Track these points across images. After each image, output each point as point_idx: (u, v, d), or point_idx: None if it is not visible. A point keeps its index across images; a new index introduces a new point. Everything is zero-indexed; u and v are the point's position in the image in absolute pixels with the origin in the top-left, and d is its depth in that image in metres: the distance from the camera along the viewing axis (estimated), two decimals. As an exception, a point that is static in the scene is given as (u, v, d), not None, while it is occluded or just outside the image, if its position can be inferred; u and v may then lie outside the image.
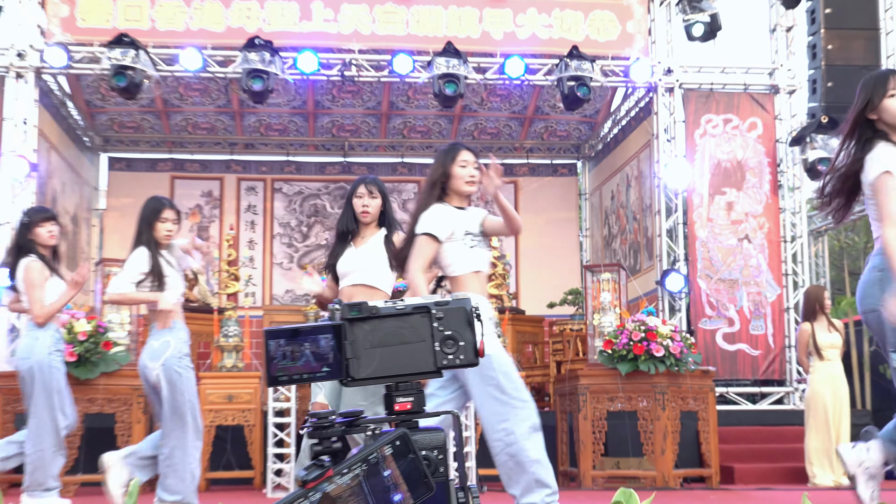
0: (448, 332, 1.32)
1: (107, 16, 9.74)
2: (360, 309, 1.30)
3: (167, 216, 5.51)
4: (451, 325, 1.32)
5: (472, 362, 1.34)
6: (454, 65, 9.47)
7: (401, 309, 1.32)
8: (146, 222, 5.49)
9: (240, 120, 12.48)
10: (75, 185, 11.66)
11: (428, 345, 1.31)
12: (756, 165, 10.25)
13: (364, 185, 4.96)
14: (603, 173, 12.85)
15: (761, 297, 10.06)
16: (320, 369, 1.30)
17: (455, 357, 1.33)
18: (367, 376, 1.31)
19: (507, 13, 10.13)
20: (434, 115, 12.45)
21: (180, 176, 12.87)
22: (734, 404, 9.80)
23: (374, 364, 1.31)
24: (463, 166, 4.43)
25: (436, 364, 1.33)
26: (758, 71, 10.57)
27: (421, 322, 1.32)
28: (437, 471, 1.29)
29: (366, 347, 1.30)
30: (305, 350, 1.29)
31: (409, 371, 1.32)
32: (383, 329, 1.31)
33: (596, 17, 10.21)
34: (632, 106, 11.56)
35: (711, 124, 10.33)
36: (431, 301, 1.33)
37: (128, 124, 12.49)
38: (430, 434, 1.32)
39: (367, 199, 4.92)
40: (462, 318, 1.33)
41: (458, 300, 1.33)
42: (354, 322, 1.30)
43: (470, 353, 1.34)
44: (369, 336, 1.30)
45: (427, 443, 1.30)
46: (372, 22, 10.01)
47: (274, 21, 9.92)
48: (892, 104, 3.72)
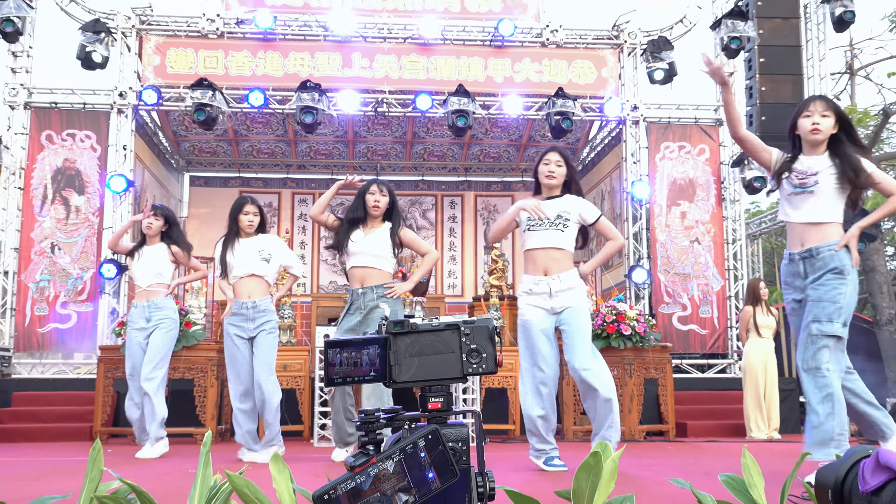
0: (474, 345, 1.30)
1: (190, 64, 9.74)
2: (402, 325, 1.29)
3: (248, 210, 5.43)
4: (476, 340, 1.30)
5: (492, 371, 1.32)
6: (464, 103, 9.47)
7: (436, 326, 1.30)
8: (231, 215, 5.43)
9: (294, 146, 12.47)
10: (164, 198, 11.65)
11: (457, 355, 1.29)
12: (704, 182, 10.20)
13: (376, 185, 4.98)
14: (582, 189, 12.75)
15: (708, 287, 9.99)
16: (369, 373, 1.28)
17: (479, 366, 1.31)
18: (407, 380, 1.29)
19: (507, 62, 10.10)
20: (448, 143, 12.42)
21: (247, 191, 12.84)
22: (687, 373, 9.73)
23: (412, 370, 1.29)
24: (546, 164, 4.50)
25: (462, 371, 1.31)
26: (706, 107, 10.50)
27: (452, 336, 1.30)
28: (460, 459, 1.28)
29: (406, 356, 1.28)
30: (357, 357, 1.27)
31: (441, 377, 1.31)
32: (421, 342, 1.29)
33: (577, 65, 10.17)
34: (605, 135, 11.51)
35: (669, 150, 10.27)
36: (461, 320, 1.31)
37: (206, 150, 12.50)
38: (456, 429, 1.30)
39: (379, 196, 4.93)
40: (485, 334, 1.31)
41: (482, 319, 1.31)
42: (398, 336, 1.28)
43: (491, 363, 1.32)
44: (409, 347, 1.29)
45: (453, 436, 1.28)
46: (399, 69, 10.00)
47: (322, 68, 9.91)
48: (803, 123, 3.73)
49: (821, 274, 3.61)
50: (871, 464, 0.87)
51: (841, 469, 0.94)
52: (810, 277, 3.65)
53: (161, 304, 5.69)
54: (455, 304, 11.98)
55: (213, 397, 7.13)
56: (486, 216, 13.27)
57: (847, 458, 0.94)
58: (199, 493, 2.47)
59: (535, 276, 4.45)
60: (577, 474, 2.51)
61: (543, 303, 4.40)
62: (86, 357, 9.13)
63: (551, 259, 4.41)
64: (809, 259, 3.66)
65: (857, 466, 0.91)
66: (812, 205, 3.68)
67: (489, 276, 9.53)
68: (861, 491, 0.89)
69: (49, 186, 9.39)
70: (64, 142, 9.53)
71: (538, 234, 4.43)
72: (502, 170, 13.23)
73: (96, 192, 9.45)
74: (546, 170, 4.48)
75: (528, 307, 4.45)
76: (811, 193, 3.66)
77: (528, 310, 4.45)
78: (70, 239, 9.30)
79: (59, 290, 9.18)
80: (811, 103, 3.76)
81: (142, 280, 5.71)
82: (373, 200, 4.90)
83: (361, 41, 10.01)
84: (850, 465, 0.93)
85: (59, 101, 9.61)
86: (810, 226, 3.66)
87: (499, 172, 13.31)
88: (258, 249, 5.38)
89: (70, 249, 9.28)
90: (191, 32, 9.83)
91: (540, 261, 4.43)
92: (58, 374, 9.02)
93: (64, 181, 9.43)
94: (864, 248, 10.11)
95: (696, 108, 10.46)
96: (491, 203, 13.35)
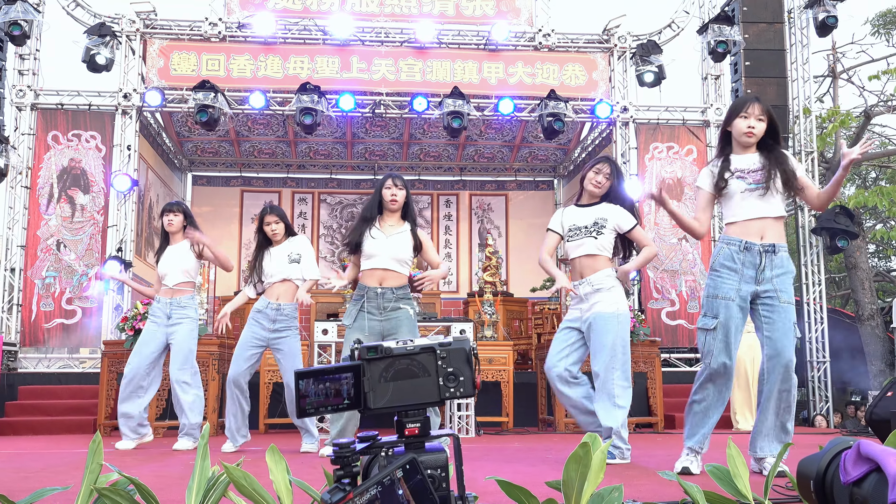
0: (450, 368, 1.23)
1: (193, 66, 9.70)
2: (376, 350, 1.21)
3: (269, 220, 5.43)
4: (453, 363, 1.23)
5: (470, 394, 1.26)
6: (459, 104, 9.44)
7: (411, 349, 1.23)
8: (258, 227, 5.46)
9: (294, 147, 12.44)
10: (167, 196, 11.62)
11: (433, 379, 1.22)
12: (692, 181, 10.17)
13: (392, 179, 4.78)
14: (574, 188, 12.68)
15: (696, 283, 9.98)
16: (342, 402, 1.20)
17: (456, 390, 1.24)
18: (382, 406, 1.22)
19: (501, 65, 10.07)
20: (444, 143, 12.39)
21: (248, 190, 12.85)
22: (675, 367, 9.72)
23: (387, 395, 1.21)
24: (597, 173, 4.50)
25: (440, 396, 1.24)
26: (693, 109, 10.48)
27: (427, 359, 1.23)
28: (440, 486, 1.22)
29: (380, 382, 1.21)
30: (329, 387, 1.20)
31: (417, 401, 1.23)
32: (396, 366, 1.21)
33: (568, 68, 10.15)
34: (596, 136, 11.51)
35: (657, 150, 10.26)
36: (436, 342, 1.24)
37: (208, 150, 12.46)
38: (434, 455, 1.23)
39: (395, 190, 4.73)
40: (462, 356, 1.24)
41: (458, 341, 1.24)
42: (371, 361, 1.21)
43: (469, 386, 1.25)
44: (383, 372, 1.21)
45: (431, 463, 1.22)
46: (396, 72, 9.96)
47: (321, 71, 9.87)
48: (739, 123, 3.68)
49: (781, 273, 3.59)
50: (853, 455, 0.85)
51: (823, 460, 0.92)
52: (769, 273, 3.59)
53: (184, 302, 5.67)
54: (450, 299, 11.97)
55: (214, 391, 7.10)
56: (480, 214, 13.26)
57: (828, 450, 0.92)
58: (198, 485, 2.44)
59: (574, 282, 4.52)
60: (567, 465, 2.49)
61: (579, 304, 4.50)
62: (90, 352, 9.09)
63: (586, 265, 4.49)
64: (770, 254, 3.60)
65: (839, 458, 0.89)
66: (767, 200, 3.65)
67: (483, 272, 9.53)
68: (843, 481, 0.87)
69: (55, 185, 9.35)
70: (70, 142, 9.49)
71: (574, 243, 4.52)
72: (496, 169, 13.22)
73: (101, 191, 9.42)
74: (595, 179, 4.49)
75: (570, 309, 4.60)
76: (766, 189, 3.63)
77: (570, 311, 4.58)
78: (75, 237, 9.26)
79: (64, 287, 9.15)
80: (750, 105, 3.69)
81: (170, 279, 5.64)
82: (390, 195, 4.73)
83: (359, 45, 9.98)
84: (831, 457, 0.91)
85: (65, 103, 9.56)
86: (772, 220, 3.62)
87: (493, 172, 13.29)
88: (287, 253, 5.43)
89: (75, 247, 9.24)
90: (194, 36, 9.79)
91: (577, 267, 4.53)
92: (63, 368, 8.98)
93: (69, 180, 9.40)
94: (846, 246, 10.10)
95: (684, 109, 10.45)
96: (485, 202, 13.34)
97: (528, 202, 13.18)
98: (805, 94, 10.48)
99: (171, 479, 3.50)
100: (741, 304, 3.59)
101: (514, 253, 12.94)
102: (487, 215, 13.25)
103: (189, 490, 2.42)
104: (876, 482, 0.83)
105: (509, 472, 3.65)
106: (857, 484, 0.85)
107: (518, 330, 10.28)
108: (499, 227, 13.21)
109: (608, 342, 4.30)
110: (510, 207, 13.28)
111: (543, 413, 8.02)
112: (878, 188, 12.81)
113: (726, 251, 3.64)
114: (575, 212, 4.55)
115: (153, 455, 5.02)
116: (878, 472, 0.83)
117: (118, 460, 4.41)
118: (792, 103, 10.30)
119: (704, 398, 3.70)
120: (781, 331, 3.56)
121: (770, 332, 3.58)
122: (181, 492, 2.61)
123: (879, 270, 18.50)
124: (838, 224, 9.76)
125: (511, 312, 10.07)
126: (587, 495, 2.51)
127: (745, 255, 3.59)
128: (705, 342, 3.63)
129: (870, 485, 0.84)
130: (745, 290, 3.59)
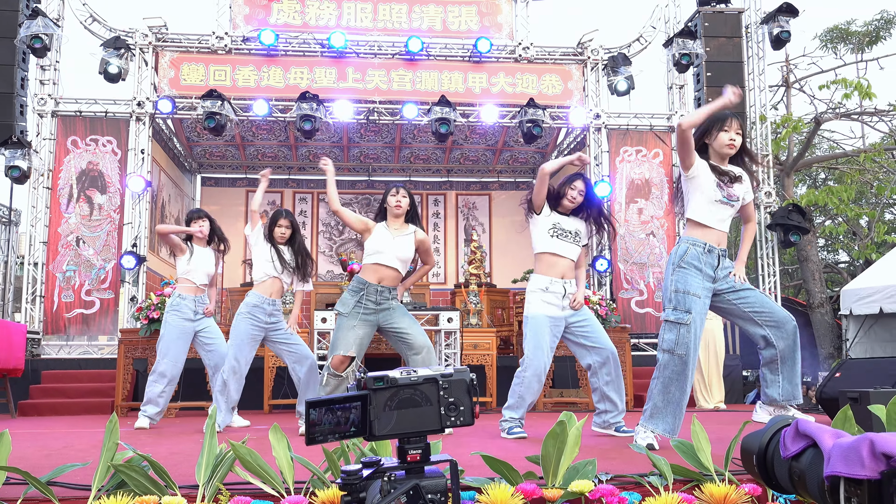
0: (451, 399, 1.21)
1: (201, 77, 9.65)
2: (383, 380, 1.20)
3: (281, 223, 5.44)
4: (454, 394, 1.22)
5: (469, 423, 1.24)
6: (446, 112, 9.43)
7: (414, 380, 1.21)
8: (268, 226, 5.45)
9: (295, 151, 12.40)
10: (178, 197, 11.57)
11: (435, 408, 1.20)
12: (658, 182, 10.22)
13: (396, 188, 4.85)
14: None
15: (662, 275, 10.02)
16: (349, 429, 1.19)
17: (456, 419, 1.22)
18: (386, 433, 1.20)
19: (484, 75, 10.07)
20: (432, 147, 12.38)
21: (252, 190, 12.61)
22: (643, 351, 9.77)
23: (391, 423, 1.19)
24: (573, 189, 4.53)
25: (441, 424, 1.22)
26: (660, 116, 10.51)
27: (430, 389, 1.20)
28: None
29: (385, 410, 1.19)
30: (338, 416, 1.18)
31: (419, 429, 1.20)
32: (400, 395, 1.19)
33: (546, 78, 10.16)
34: (571, 141, 11.51)
35: (627, 153, 10.29)
36: (438, 374, 1.22)
37: (216, 154, 12.40)
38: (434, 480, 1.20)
39: (400, 197, 4.78)
40: (463, 388, 1.22)
41: (459, 372, 1.23)
42: (377, 391, 1.19)
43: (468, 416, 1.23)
44: (388, 401, 1.19)
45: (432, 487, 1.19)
46: (388, 81, 9.94)
47: (319, 80, 9.84)
48: (721, 136, 3.67)
49: (726, 274, 3.69)
50: (791, 432, 0.87)
51: (764, 437, 0.94)
52: (721, 273, 3.67)
53: (206, 300, 5.85)
54: (439, 290, 11.97)
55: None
56: (465, 212, 13.27)
57: (770, 427, 0.94)
58: (206, 461, 2.45)
59: (551, 277, 4.46)
60: (545, 441, 2.52)
61: (556, 301, 4.44)
62: (109, 339, 9.06)
63: (568, 267, 4.49)
64: (724, 257, 3.70)
65: (779, 434, 0.91)
66: (729, 216, 3.73)
67: (469, 265, 9.53)
68: (783, 456, 0.89)
69: (74, 186, 9.29)
70: (87, 147, 9.43)
71: (563, 243, 4.48)
72: (480, 171, 13.22)
73: (117, 191, 9.37)
74: (570, 195, 4.53)
75: (542, 304, 4.44)
76: (731, 207, 3.69)
77: (542, 306, 4.43)
78: (93, 233, 9.21)
79: (83, 280, 9.10)
80: (731, 120, 3.67)
81: (198, 278, 5.74)
82: (395, 201, 4.76)
83: (354, 57, 9.95)
84: (772, 433, 0.93)
85: (83, 110, 9.50)
86: (724, 234, 3.70)
87: (477, 174, 13.30)
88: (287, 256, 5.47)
89: (93, 243, 9.19)
90: (202, 48, 9.74)
91: (559, 266, 4.47)
92: (83, 354, 8.94)
93: (88, 182, 9.34)
94: (798, 240, 10.17)
95: (652, 116, 10.48)
96: (470, 201, 13.34)
97: (509, 201, 13.19)
98: (761, 102, 10.53)
99: (182, 456, 3.50)
100: (706, 300, 3.63)
101: (496, 248, 12.97)
102: (472, 213, 13.26)
103: (199, 466, 2.43)
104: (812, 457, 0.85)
105: (493, 447, 3.66)
106: (795, 458, 0.87)
107: (501, 318, 10.30)
108: (483, 224, 13.23)
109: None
110: (493, 206, 13.30)
111: (523, 393, 8.04)
112: (828, 188, 12.90)
113: (693, 251, 3.63)
114: (560, 217, 4.54)
115: (165, 434, 5.02)
116: (815, 448, 0.85)
117: (133, 439, 4.41)
118: (749, 111, 10.36)
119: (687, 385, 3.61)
120: (768, 301, 3.71)
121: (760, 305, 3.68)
122: (191, 467, 2.61)
123: (828, 263, 18.63)
124: (791, 220, 9.83)
125: (494, 302, 10.08)
126: (563, 468, 2.54)
127: (708, 257, 3.63)
128: (679, 336, 3.53)
129: (807, 459, 0.86)
130: (708, 287, 3.63)
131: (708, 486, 2.48)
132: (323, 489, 2.38)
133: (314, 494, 2.38)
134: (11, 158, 8.81)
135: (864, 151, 14.16)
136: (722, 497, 2.43)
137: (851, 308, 9.61)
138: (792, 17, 10.04)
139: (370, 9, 10.18)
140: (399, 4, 10.23)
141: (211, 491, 2.38)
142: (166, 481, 2.39)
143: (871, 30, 16.07)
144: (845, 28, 16.31)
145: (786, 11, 9.98)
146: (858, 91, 11.78)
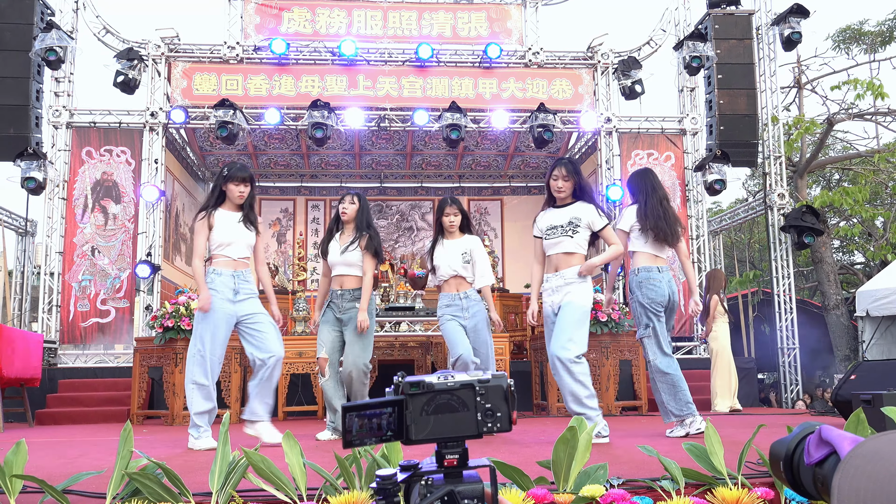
0: (489, 405, 1.21)
1: (213, 86, 9.70)
2: (419, 385, 1.20)
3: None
4: (491, 399, 1.21)
5: (507, 430, 1.23)
6: (457, 118, 9.43)
7: (451, 385, 1.22)
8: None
9: (307, 159, 12.42)
10: (192, 205, 11.62)
11: (472, 414, 1.19)
12: (671, 185, 10.16)
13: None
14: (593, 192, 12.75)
15: (675, 278, 9.95)
16: (385, 434, 1.18)
17: (493, 426, 1.22)
18: (423, 437, 1.19)
19: (494, 81, 10.06)
20: (443, 154, 12.37)
21: (265, 198, 12.83)
22: (657, 354, 9.69)
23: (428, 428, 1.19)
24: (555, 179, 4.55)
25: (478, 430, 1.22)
26: (671, 119, 10.47)
27: (467, 395, 1.20)
28: None
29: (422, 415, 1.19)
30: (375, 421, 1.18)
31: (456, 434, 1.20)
32: (437, 401, 1.19)
33: (556, 83, 10.14)
34: (582, 145, 11.49)
35: (639, 157, 10.24)
36: (475, 379, 1.22)
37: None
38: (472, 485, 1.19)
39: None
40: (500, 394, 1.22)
41: (497, 377, 1.22)
42: (414, 395, 1.19)
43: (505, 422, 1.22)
44: (425, 406, 1.19)
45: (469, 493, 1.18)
46: (399, 88, 9.96)
47: (330, 88, 9.87)
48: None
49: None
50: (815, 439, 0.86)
51: (791, 443, 0.92)
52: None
53: (248, 276, 4.68)
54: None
55: (236, 382, 7.09)
56: (478, 218, 13.25)
57: (796, 434, 0.92)
58: (220, 468, 2.44)
59: (549, 273, 4.55)
60: (556, 446, 2.49)
61: (551, 296, 4.51)
62: (124, 348, 9.10)
63: (562, 261, 4.49)
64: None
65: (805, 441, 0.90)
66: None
67: (481, 271, 9.51)
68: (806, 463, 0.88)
69: (89, 197, 9.35)
70: (102, 157, 9.49)
71: (552, 241, 4.52)
72: (492, 177, 13.20)
73: (131, 201, 9.42)
74: (555, 185, 4.53)
75: (545, 301, 4.57)
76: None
77: (545, 303, 4.58)
78: (108, 243, 9.26)
79: (99, 289, 9.15)
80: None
81: (234, 251, 4.60)
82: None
83: (365, 64, 9.98)
84: (798, 440, 0.91)
85: (98, 121, 9.57)
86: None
87: (489, 179, 13.28)
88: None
89: (108, 252, 9.24)
90: (214, 58, 9.79)
91: (553, 262, 4.53)
92: (98, 363, 8.98)
93: (102, 192, 9.40)
94: (812, 242, 10.08)
95: (663, 119, 10.43)
96: (482, 206, 13.32)
97: (521, 206, 13.16)
98: (773, 103, 10.47)
99: (196, 463, 3.49)
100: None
101: (509, 253, 12.93)
102: (485, 218, 13.24)
103: (212, 473, 2.42)
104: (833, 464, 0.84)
105: (505, 452, 3.64)
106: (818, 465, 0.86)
107: (514, 323, 10.26)
108: (495, 230, 13.20)
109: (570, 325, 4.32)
110: (505, 211, 13.27)
111: (537, 398, 8.01)
112: (842, 189, 12.79)
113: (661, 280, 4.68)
114: (551, 213, 4.55)
115: (179, 441, 5.02)
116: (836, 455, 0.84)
117: (147, 447, 4.41)
118: (761, 112, 10.29)
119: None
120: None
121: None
122: (205, 475, 2.60)
123: (843, 264, 18.45)
124: (805, 222, 9.74)
125: (507, 307, 10.05)
126: (575, 473, 2.51)
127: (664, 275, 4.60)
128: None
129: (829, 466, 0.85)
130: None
131: (720, 490, 2.45)
132: (335, 495, 2.36)
133: (327, 501, 2.37)
134: (27, 170, 8.88)
135: (879, 152, 14.03)
136: (734, 501, 2.40)
137: (867, 310, 9.50)
138: (803, 17, 9.98)
139: (380, 16, 10.21)
140: (409, 12, 10.25)
141: (224, 498, 2.37)
142: (180, 489, 2.38)
143: (885, 29, 15.95)
144: (858, 28, 16.20)
145: (797, 12, 9.92)
146: (871, 91, 11.68)
